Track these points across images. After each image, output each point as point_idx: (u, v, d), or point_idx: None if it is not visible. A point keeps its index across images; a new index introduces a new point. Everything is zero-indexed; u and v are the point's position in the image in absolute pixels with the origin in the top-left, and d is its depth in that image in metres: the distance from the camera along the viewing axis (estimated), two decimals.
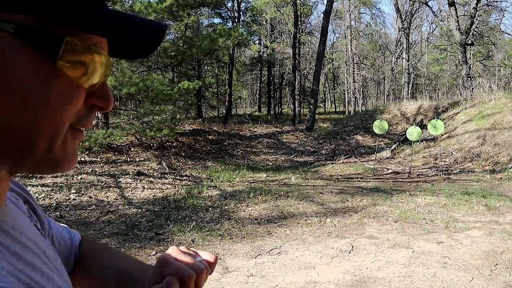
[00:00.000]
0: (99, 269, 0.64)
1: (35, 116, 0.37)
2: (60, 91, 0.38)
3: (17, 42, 0.35)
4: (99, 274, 0.64)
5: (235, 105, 32.53)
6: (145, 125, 9.86)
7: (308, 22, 28.84)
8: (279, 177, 9.05)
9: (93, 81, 0.40)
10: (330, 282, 3.50)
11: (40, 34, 0.36)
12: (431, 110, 14.57)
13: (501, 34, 27.60)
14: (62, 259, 0.61)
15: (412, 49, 29.77)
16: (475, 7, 17.23)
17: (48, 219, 0.61)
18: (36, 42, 0.36)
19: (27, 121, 0.37)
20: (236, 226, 5.17)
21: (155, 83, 8.67)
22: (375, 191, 7.28)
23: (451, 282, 3.44)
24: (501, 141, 10.31)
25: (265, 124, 18.48)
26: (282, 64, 27.96)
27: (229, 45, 16.54)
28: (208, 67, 25.11)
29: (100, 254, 0.67)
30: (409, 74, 25.74)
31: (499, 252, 4.12)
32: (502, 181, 8.18)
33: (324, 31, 18.10)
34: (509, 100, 12.04)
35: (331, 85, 37.42)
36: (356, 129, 15.73)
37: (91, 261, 0.66)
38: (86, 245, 0.69)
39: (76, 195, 6.50)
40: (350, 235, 4.81)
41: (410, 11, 26.79)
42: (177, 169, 9.44)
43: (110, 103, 0.43)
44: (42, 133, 0.38)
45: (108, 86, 0.44)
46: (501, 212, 5.67)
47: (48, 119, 0.38)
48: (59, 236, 0.63)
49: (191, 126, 15.43)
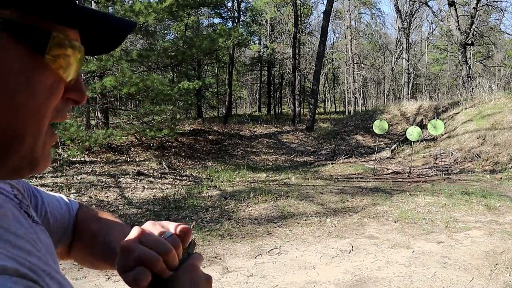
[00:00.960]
0: (90, 237, 0.66)
1: (23, 110, 0.37)
2: (46, 84, 0.38)
3: (3, 36, 0.35)
4: (90, 242, 0.66)
5: (235, 105, 32.55)
6: (145, 125, 9.86)
7: (308, 22, 28.84)
8: (279, 177, 9.05)
9: (72, 75, 0.41)
10: (330, 282, 3.50)
11: (28, 29, 0.36)
12: (431, 110, 14.57)
13: (501, 34, 27.60)
14: (60, 229, 0.64)
15: (412, 49, 29.77)
16: (475, 7, 17.23)
17: (41, 196, 0.62)
18: (24, 37, 0.36)
19: (15, 116, 0.37)
20: (236, 226, 5.17)
21: (155, 83, 8.68)
22: (375, 191, 7.28)
23: (451, 282, 3.44)
24: (501, 141, 10.31)
25: (265, 124, 18.49)
26: (282, 64, 27.96)
27: (229, 45, 16.55)
28: (208, 67, 25.12)
29: (92, 222, 0.69)
30: (409, 74, 25.74)
31: (499, 252, 4.12)
32: (502, 181, 8.18)
33: (324, 31, 18.10)
34: (509, 100, 12.04)
35: (331, 85, 37.43)
36: (356, 129, 15.73)
37: (84, 229, 0.68)
38: (82, 213, 0.70)
39: (76, 195, 6.50)
40: (350, 235, 4.81)
41: (410, 11, 26.78)
42: (177, 169, 9.44)
43: (85, 97, 0.44)
44: (28, 128, 0.38)
45: (82, 81, 0.45)
46: (501, 212, 5.67)
47: (34, 113, 0.38)
48: (54, 209, 0.64)
49: (191, 126, 15.44)
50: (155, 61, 11.09)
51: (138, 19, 8.90)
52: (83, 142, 7.83)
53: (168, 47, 10.90)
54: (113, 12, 9.16)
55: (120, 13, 8.92)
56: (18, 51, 0.36)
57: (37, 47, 0.37)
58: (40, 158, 0.41)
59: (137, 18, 8.89)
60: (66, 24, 0.39)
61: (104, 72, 9.46)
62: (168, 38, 22.73)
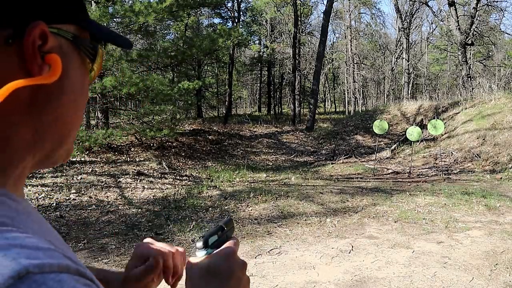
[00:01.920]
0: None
1: (80, 108, 0.45)
2: (87, 88, 0.47)
3: (71, 48, 0.42)
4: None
5: (235, 105, 32.52)
6: (145, 125, 9.86)
7: (308, 22, 28.84)
8: (279, 177, 9.05)
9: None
10: (330, 282, 3.50)
11: (86, 42, 0.45)
12: (431, 110, 14.57)
13: (501, 34, 27.60)
14: None
15: (412, 49, 29.76)
16: (475, 7, 17.22)
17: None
18: (84, 48, 0.44)
19: (74, 115, 0.44)
20: (236, 226, 5.16)
21: (155, 83, 8.67)
22: (375, 191, 7.28)
23: (451, 282, 3.44)
24: (501, 141, 10.31)
25: (265, 124, 18.48)
26: (282, 64, 27.95)
27: (229, 45, 16.54)
28: (208, 67, 25.10)
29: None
30: (409, 74, 25.73)
31: (499, 252, 4.12)
32: (502, 181, 8.18)
33: (324, 31, 18.10)
34: (509, 100, 12.04)
35: (331, 85, 37.41)
36: (356, 129, 15.73)
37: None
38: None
39: (76, 195, 6.50)
40: (350, 235, 4.81)
41: (410, 11, 26.78)
42: (177, 169, 9.44)
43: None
44: (78, 125, 0.46)
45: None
46: (501, 212, 5.67)
47: (82, 111, 0.47)
48: None
49: (191, 126, 15.43)
50: (155, 61, 11.09)
51: (138, 19, 8.90)
52: (83, 142, 7.83)
53: (168, 47, 10.91)
54: (113, 12, 9.15)
55: (120, 13, 8.91)
56: (79, 60, 0.44)
57: (90, 57, 0.46)
58: (72, 149, 0.47)
59: (137, 18, 8.88)
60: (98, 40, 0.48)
61: (104, 72, 9.45)
62: (168, 38, 22.71)
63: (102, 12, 8.48)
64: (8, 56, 0.37)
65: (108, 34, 0.49)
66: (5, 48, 0.37)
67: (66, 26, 0.42)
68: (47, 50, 0.39)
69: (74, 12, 0.43)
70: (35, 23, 0.37)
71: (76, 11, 0.43)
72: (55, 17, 0.40)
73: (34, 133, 0.40)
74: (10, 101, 0.36)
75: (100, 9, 8.61)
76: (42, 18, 0.38)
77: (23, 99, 0.38)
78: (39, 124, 0.40)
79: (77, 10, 0.43)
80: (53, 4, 0.40)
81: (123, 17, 9.23)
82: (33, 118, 0.40)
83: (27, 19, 0.37)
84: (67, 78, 0.41)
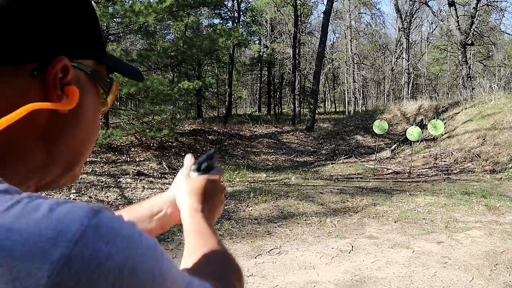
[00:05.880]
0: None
1: (92, 140, 0.48)
2: (98, 120, 0.50)
3: (88, 81, 0.45)
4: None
5: (235, 105, 32.49)
6: (145, 125, 9.86)
7: (308, 22, 28.82)
8: (279, 177, 9.05)
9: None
10: (330, 282, 3.50)
11: (103, 76, 0.48)
12: (431, 110, 14.57)
13: (501, 34, 27.59)
14: None
15: (412, 49, 29.77)
16: (475, 7, 17.22)
17: None
18: (100, 82, 0.47)
19: (85, 145, 0.47)
20: (236, 226, 5.17)
21: (155, 83, 8.67)
22: (375, 191, 7.28)
23: (451, 282, 3.44)
24: (501, 141, 10.31)
25: (265, 124, 18.47)
26: (282, 64, 27.93)
27: (229, 45, 16.54)
28: (208, 67, 25.08)
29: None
30: (409, 74, 25.74)
31: (499, 252, 4.12)
32: (502, 181, 8.18)
33: (324, 31, 18.10)
34: (509, 100, 12.04)
35: (331, 85, 37.39)
36: (356, 129, 15.73)
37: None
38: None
39: (76, 195, 6.50)
40: (350, 235, 4.80)
41: (410, 11, 26.78)
42: (177, 169, 9.43)
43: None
44: (87, 154, 0.48)
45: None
46: (501, 212, 5.67)
47: (93, 142, 0.49)
48: None
49: (191, 126, 15.43)
50: (155, 61, 11.09)
51: (138, 19, 8.89)
52: None
53: (168, 47, 10.91)
54: (113, 12, 9.15)
55: (120, 13, 8.91)
56: (94, 92, 0.47)
57: (105, 90, 0.48)
58: (78, 175, 0.49)
59: (137, 18, 8.88)
60: (113, 72, 0.51)
61: None
62: (168, 38, 22.72)
63: (102, 12, 8.48)
64: (31, 86, 0.40)
65: (124, 68, 0.52)
66: (30, 79, 0.40)
67: (86, 61, 0.45)
68: (67, 82, 0.42)
69: (94, 48, 0.46)
70: (59, 58, 0.40)
71: (95, 47, 0.46)
72: (76, 52, 0.43)
73: (46, 158, 0.43)
74: (29, 125, 0.40)
75: (100, 9, 8.61)
76: (65, 53, 0.41)
77: (40, 125, 0.41)
78: (52, 150, 0.43)
79: (96, 46, 0.46)
80: (75, 41, 0.43)
81: (123, 17, 9.23)
82: (47, 144, 0.42)
83: (52, 54, 0.40)
84: (81, 108, 0.44)
